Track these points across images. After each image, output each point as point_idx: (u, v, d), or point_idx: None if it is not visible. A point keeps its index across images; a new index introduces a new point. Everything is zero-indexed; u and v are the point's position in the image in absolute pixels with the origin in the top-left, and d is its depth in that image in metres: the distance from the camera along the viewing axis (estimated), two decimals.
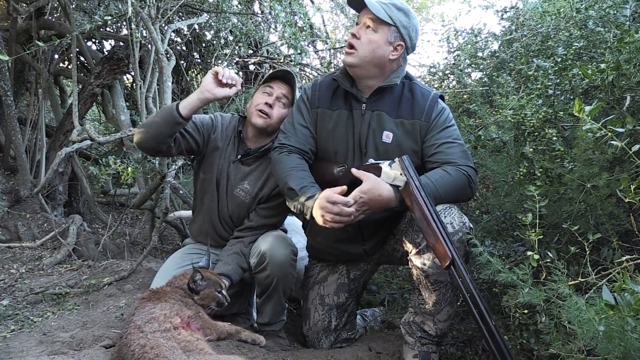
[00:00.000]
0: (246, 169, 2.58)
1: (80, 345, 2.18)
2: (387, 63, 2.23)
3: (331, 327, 2.54)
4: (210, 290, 2.22)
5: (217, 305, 2.24)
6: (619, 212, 1.87)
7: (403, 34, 2.20)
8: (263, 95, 2.53)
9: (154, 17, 3.91)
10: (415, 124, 2.24)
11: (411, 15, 2.22)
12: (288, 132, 2.37)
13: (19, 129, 4.40)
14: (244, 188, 2.56)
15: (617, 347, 1.24)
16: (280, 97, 2.54)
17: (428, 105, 2.25)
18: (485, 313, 1.70)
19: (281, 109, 2.54)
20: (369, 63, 2.22)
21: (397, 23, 2.18)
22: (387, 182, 2.03)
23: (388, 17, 2.17)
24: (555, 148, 2.03)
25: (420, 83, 2.37)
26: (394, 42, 2.20)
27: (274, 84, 2.55)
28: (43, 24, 4.77)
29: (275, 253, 2.39)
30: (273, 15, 4.51)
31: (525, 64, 2.62)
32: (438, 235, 1.85)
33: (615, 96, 2.02)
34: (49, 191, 4.52)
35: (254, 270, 2.45)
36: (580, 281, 1.68)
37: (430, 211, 1.90)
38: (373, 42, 2.19)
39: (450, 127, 2.25)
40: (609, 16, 2.34)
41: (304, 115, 2.38)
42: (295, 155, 2.31)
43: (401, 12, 2.19)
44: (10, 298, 2.97)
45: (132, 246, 4.32)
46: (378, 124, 2.26)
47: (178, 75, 5.71)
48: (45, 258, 3.66)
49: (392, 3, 2.20)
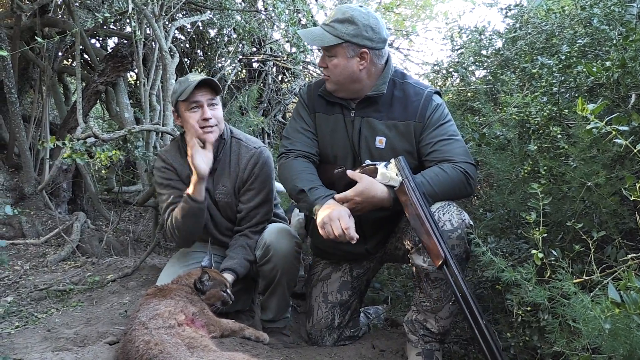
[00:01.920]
0: (214, 175, 2.57)
1: (84, 342, 2.19)
2: (362, 74, 2.22)
3: (334, 325, 2.54)
4: (216, 290, 2.24)
5: (222, 304, 2.26)
6: (622, 210, 1.87)
7: (359, 42, 2.15)
8: (194, 114, 2.43)
9: (157, 15, 3.91)
10: (409, 125, 2.23)
11: (357, 19, 2.14)
12: (292, 138, 2.40)
13: (23, 127, 4.42)
14: (221, 191, 2.58)
15: (622, 345, 1.24)
16: (209, 102, 2.45)
17: (422, 105, 2.23)
18: (476, 312, 1.74)
19: (217, 109, 2.49)
20: (345, 83, 2.24)
21: (346, 37, 2.14)
22: (383, 182, 2.06)
23: (334, 38, 2.15)
24: (559, 146, 2.02)
25: (414, 80, 2.35)
26: (355, 55, 2.18)
27: (194, 97, 2.42)
28: (47, 22, 4.77)
29: (280, 245, 2.42)
30: (276, 13, 4.50)
31: (529, 62, 2.61)
32: (431, 234, 1.89)
33: (620, 94, 2.01)
34: (53, 188, 4.52)
35: (259, 262, 2.47)
36: (584, 279, 1.68)
37: (424, 211, 1.93)
38: (338, 66, 2.20)
39: (446, 123, 2.24)
40: (614, 14, 2.33)
41: (304, 120, 2.41)
42: (301, 159, 2.34)
43: (345, 23, 2.14)
44: (14, 295, 2.98)
45: (135, 243, 4.33)
46: (369, 130, 2.27)
47: (182, 72, 5.69)
48: (50, 255, 3.68)
49: (334, 19, 2.17)
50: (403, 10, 7.83)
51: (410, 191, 1.97)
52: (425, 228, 1.90)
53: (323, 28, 2.19)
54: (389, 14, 7.28)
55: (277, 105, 6.29)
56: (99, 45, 5.57)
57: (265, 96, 6.10)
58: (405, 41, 7.11)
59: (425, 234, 1.90)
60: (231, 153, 2.59)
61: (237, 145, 2.61)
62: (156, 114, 4.09)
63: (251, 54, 5.96)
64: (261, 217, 2.58)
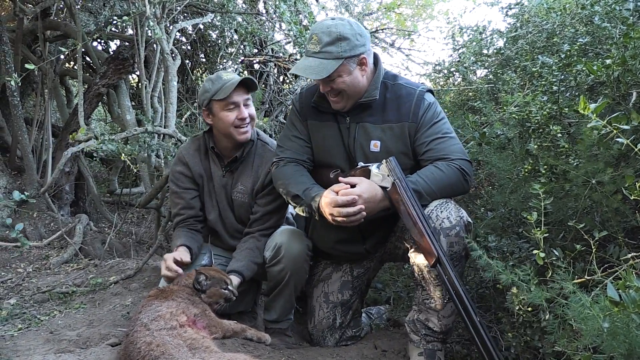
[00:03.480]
0: (235, 174, 2.63)
1: (86, 344, 2.19)
2: (364, 79, 2.23)
3: (336, 325, 2.54)
4: (216, 288, 2.23)
5: (225, 301, 2.26)
6: (624, 209, 1.86)
7: (355, 53, 2.15)
8: (231, 112, 2.48)
9: (159, 17, 3.92)
10: (403, 126, 2.23)
11: (345, 33, 2.12)
12: (284, 146, 2.43)
13: (26, 129, 4.43)
14: (239, 189, 2.61)
15: (622, 344, 1.23)
16: (245, 102, 2.51)
17: (414, 105, 2.23)
18: (470, 310, 1.76)
19: (251, 108, 2.56)
20: (354, 97, 2.23)
21: (345, 55, 2.12)
22: (377, 184, 2.08)
23: (334, 62, 2.12)
24: (560, 145, 2.01)
25: (405, 80, 2.34)
26: (356, 65, 2.18)
27: (232, 97, 2.47)
28: (49, 25, 4.80)
29: (291, 247, 2.41)
30: (278, 14, 4.51)
31: (530, 61, 2.60)
32: (424, 233, 1.90)
33: (621, 92, 2.01)
34: (55, 191, 4.54)
35: (268, 263, 2.46)
36: (586, 279, 1.67)
37: (416, 210, 1.94)
38: (345, 83, 2.17)
39: (439, 121, 2.24)
40: (614, 12, 2.32)
41: (297, 127, 2.42)
42: (291, 164, 2.36)
43: (336, 43, 2.11)
44: (17, 297, 3.00)
45: (138, 245, 4.35)
46: (364, 135, 2.27)
47: (183, 74, 5.72)
48: (52, 257, 3.69)
49: (324, 44, 2.12)
50: (404, 9, 7.84)
51: (402, 191, 1.98)
52: (418, 227, 1.91)
53: (317, 57, 2.14)
54: (390, 13, 7.28)
55: (279, 106, 6.30)
56: (100, 48, 5.59)
57: (266, 97, 6.11)
58: (407, 41, 7.12)
59: (418, 233, 1.91)
60: (255, 154, 2.63)
61: (262, 148, 2.65)
62: (158, 116, 4.10)
63: (253, 55, 5.96)
64: (273, 222, 2.59)
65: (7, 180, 4.27)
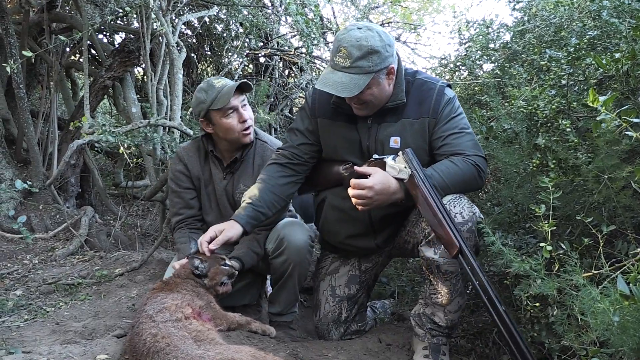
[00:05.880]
0: (236, 174, 2.64)
1: (92, 335, 2.20)
2: (390, 87, 2.19)
3: (341, 319, 2.54)
4: (215, 267, 2.22)
5: (229, 277, 2.25)
6: (634, 204, 1.85)
7: (384, 65, 2.09)
8: (232, 119, 2.51)
9: (164, 9, 3.91)
10: (424, 122, 2.21)
11: (376, 46, 2.05)
12: (287, 138, 2.46)
13: (32, 122, 4.44)
14: (242, 190, 2.59)
15: (631, 338, 1.23)
16: (242, 104, 2.54)
17: (434, 100, 2.20)
18: (495, 300, 1.73)
19: (248, 109, 2.59)
20: (380, 105, 2.21)
21: (376, 69, 2.06)
22: (392, 175, 2.05)
23: (366, 76, 2.06)
24: (568, 139, 2.00)
25: (425, 75, 2.32)
26: (385, 76, 2.13)
27: (229, 103, 2.47)
28: (55, 17, 4.79)
29: (294, 238, 2.42)
30: (283, 7, 4.49)
31: (537, 55, 2.58)
32: (444, 224, 1.87)
33: (630, 86, 1.99)
34: (61, 183, 4.56)
35: (271, 255, 2.46)
36: (593, 273, 1.66)
37: (435, 202, 1.91)
38: (373, 94, 2.13)
39: (457, 116, 2.22)
40: (623, 6, 2.30)
41: (304, 122, 2.41)
42: (274, 165, 2.39)
43: (367, 57, 2.04)
44: (23, 288, 3.01)
45: (143, 237, 4.36)
46: (385, 134, 2.25)
47: (189, 67, 5.72)
48: (58, 249, 3.70)
49: (354, 59, 2.04)
50: (410, 3, 7.80)
51: (420, 182, 1.95)
52: (438, 218, 1.88)
53: (348, 72, 2.06)
54: (396, 7, 7.24)
55: (284, 99, 6.29)
56: (106, 41, 5.59)
57: (272, 91, 6.10)
58: (413, 35, 7.09)
59: (439, 225, 1.88)
60: (255, 154, 2.64)
61: (261, 147, 2.67)
62: (163, 109, 4.10)
63: (258, 48, 5.95)
64: None
65: (13, 172, 4.28)
